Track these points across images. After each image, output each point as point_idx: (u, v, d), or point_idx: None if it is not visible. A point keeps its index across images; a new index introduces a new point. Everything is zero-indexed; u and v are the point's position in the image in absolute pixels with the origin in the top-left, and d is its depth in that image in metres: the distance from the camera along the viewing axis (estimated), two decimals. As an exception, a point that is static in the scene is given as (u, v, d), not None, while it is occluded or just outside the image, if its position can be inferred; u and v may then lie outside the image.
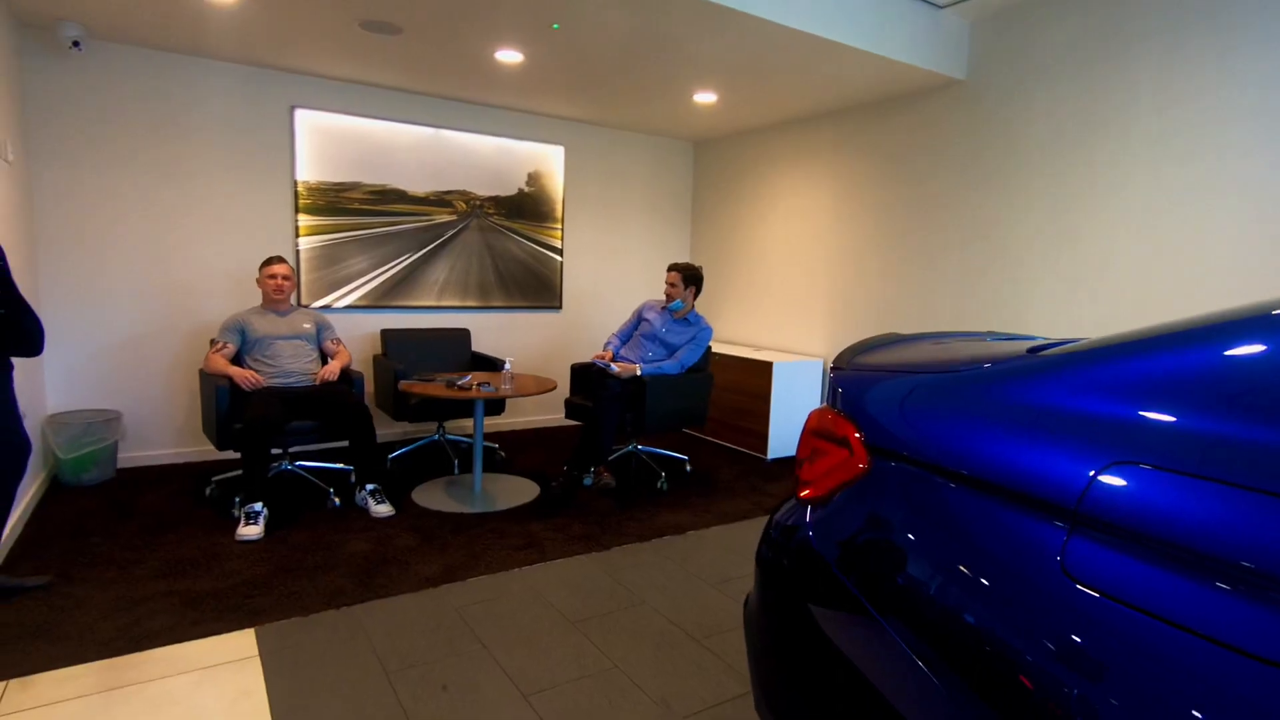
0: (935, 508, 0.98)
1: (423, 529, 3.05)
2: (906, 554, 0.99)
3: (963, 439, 0.97)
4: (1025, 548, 0.84)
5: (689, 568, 2.78)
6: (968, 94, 3.64)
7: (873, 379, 1.24)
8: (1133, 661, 0.70)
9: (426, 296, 4.59)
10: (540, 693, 1.92)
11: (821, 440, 1.26)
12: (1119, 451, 0.79)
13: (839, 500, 1.15)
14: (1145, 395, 0.82)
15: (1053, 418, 0.89)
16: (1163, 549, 0.71)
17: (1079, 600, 0.77)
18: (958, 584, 0.90)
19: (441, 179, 4.55)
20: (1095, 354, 0.91)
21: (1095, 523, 0.78)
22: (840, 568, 1.09)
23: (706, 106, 4.42)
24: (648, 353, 3.86)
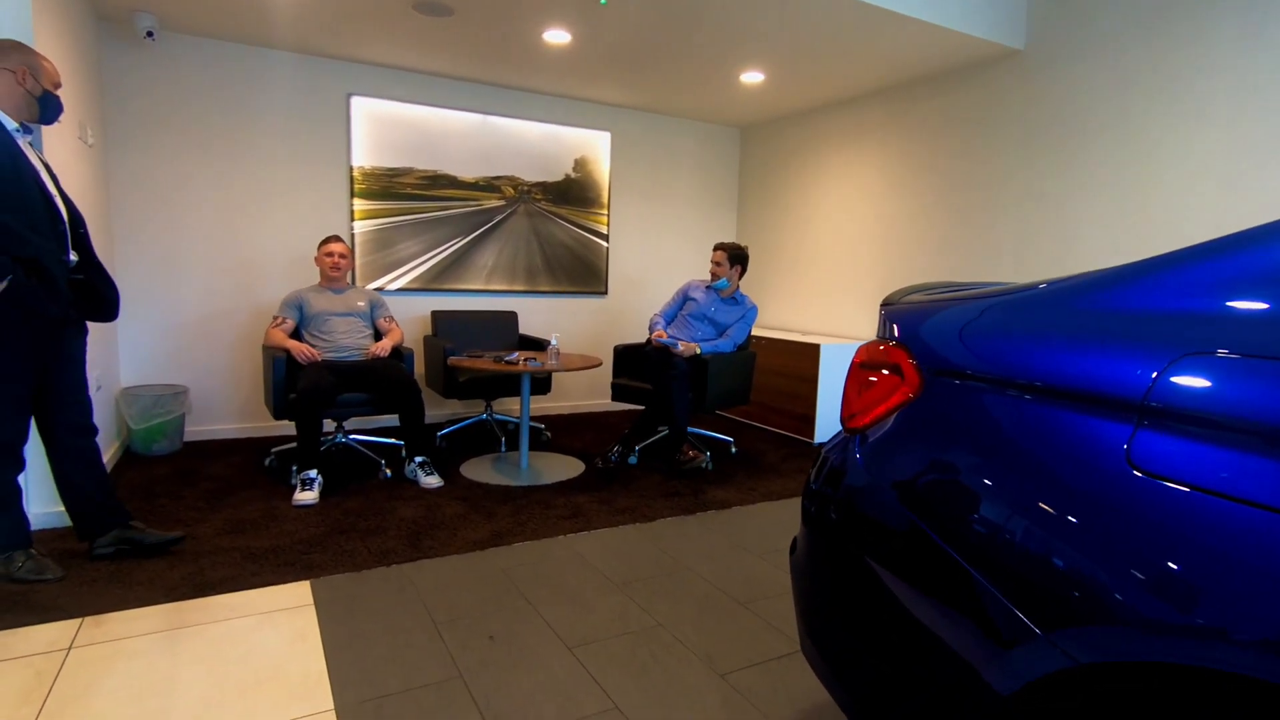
0: (994, 421, 0.94)
1: (470, 499, 3.10)
2: (962, 470, 0.96)
3: (1026, 352, 0.94)
4: (1091, 445, 0.81)
5: (734, 539, 2.75)
6: (1026, 65, 3.52)
7: (927, 310, 1.20)
8: (1204, 545, 0.67)
9: (475, 280, 4.67)
10: (584, 645, 1.93)
11: (871, 371, 1.23)
12: (1188, 345, 0.76)
13: (891, 425, 1.12)
14: (1211, 292, 0.79)
15: (1119, 320, 0.86)
16: (1228, 430, 0.68)
17: (1147, 490, 0.73)
18: (1017, 492, 0.87)
19: (490, 165, 4.63)
20: (1157, 261, 0.87)
21: (1164, 413, 0.75)
22: (892, 489, 1.06)
23: (754, 87, 4.38)
24: (696, 332, 3.85)
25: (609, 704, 1.66)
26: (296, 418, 3.06)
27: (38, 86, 2.13)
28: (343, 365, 3.32)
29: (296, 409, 3.06)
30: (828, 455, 1.27)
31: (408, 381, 3.26)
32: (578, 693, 1.71)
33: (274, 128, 4.01)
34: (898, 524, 1.04)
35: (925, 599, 0.96)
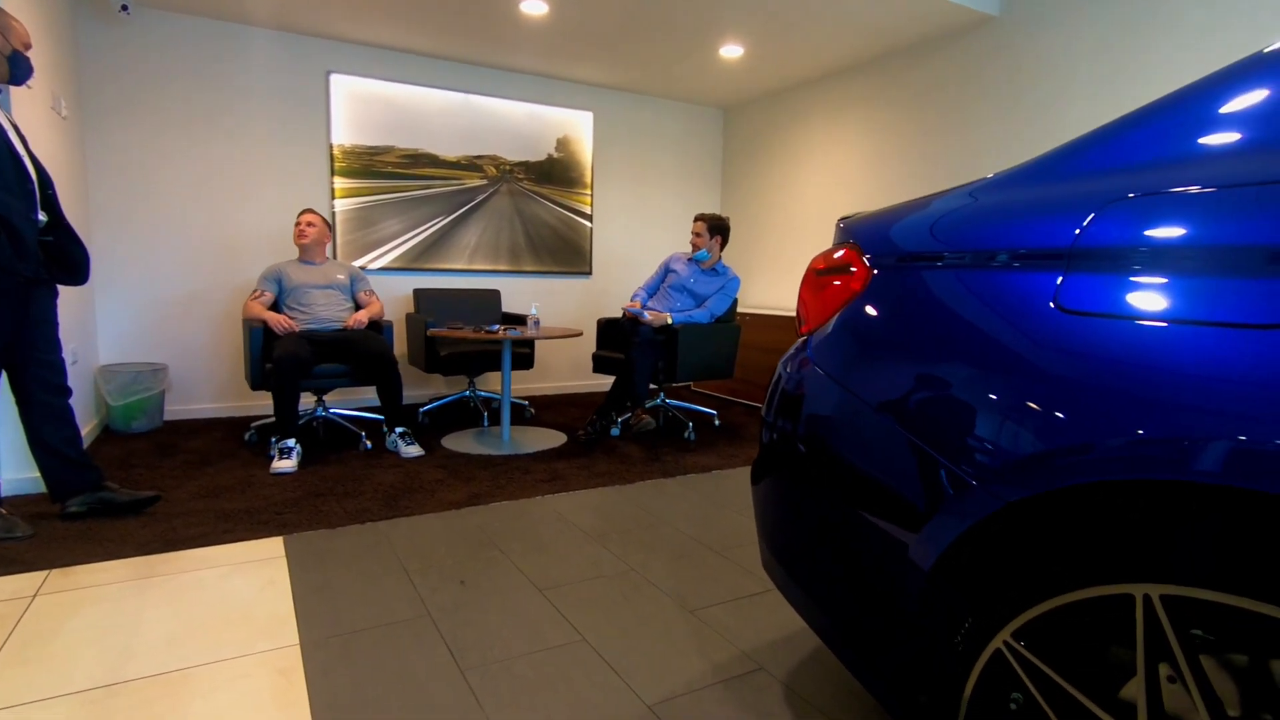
0: (938, 294, 0.95)
1: (450, 467, 3.09)
2: (905, 343, 0.97)
3: (971, 230, 0.95)
4: (1025, 296, 0.82)
5: (714, 498, 2.75)
6: (1001, 31, 3.54)
7: (878, 215, 1.21)
8: (1128, 365, 0.68)
9: (458, 260, 4.67)
10: (555, 588, 1.92)
11: (826, 276, 1.24)
12: (1107, 197, 0.79)
13: (840, 318, 1.13)
14: (1122, 154, 0.84)
15: (1050, 190, 0.88)
16: (1138, 259, 0.70)
17: (1071, 325, 0.74)
18: (959, 353, 0.88)
19: (472, 144, 4.63)
20: (1078, 141, 0.90)
21: (1087, 254, 0.76)
22: (840, 376, 1.06)
23: (734, 63, 4.39)
24: (676, 303, 3.85)
25: (576, 637, 1.66)
26: (273, 387, 3.05)
27: (6, 45, 2.12)
28: (320, 336, 3.31)
29: (272, 378, 3.05)
30: (782, 365, 1.27)
31: (384, 352, 3.24)
32: (546, 627, 1.70)
33: (253, 105, 3.99)
34: (845, 409, 1.04)
35: (867, 479, 0.96)
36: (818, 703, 1.42)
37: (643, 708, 1.39)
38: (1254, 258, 0.63)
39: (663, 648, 1.62)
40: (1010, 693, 0.81)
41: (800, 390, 1.16)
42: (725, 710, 1.39)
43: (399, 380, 3.28)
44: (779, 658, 1.58)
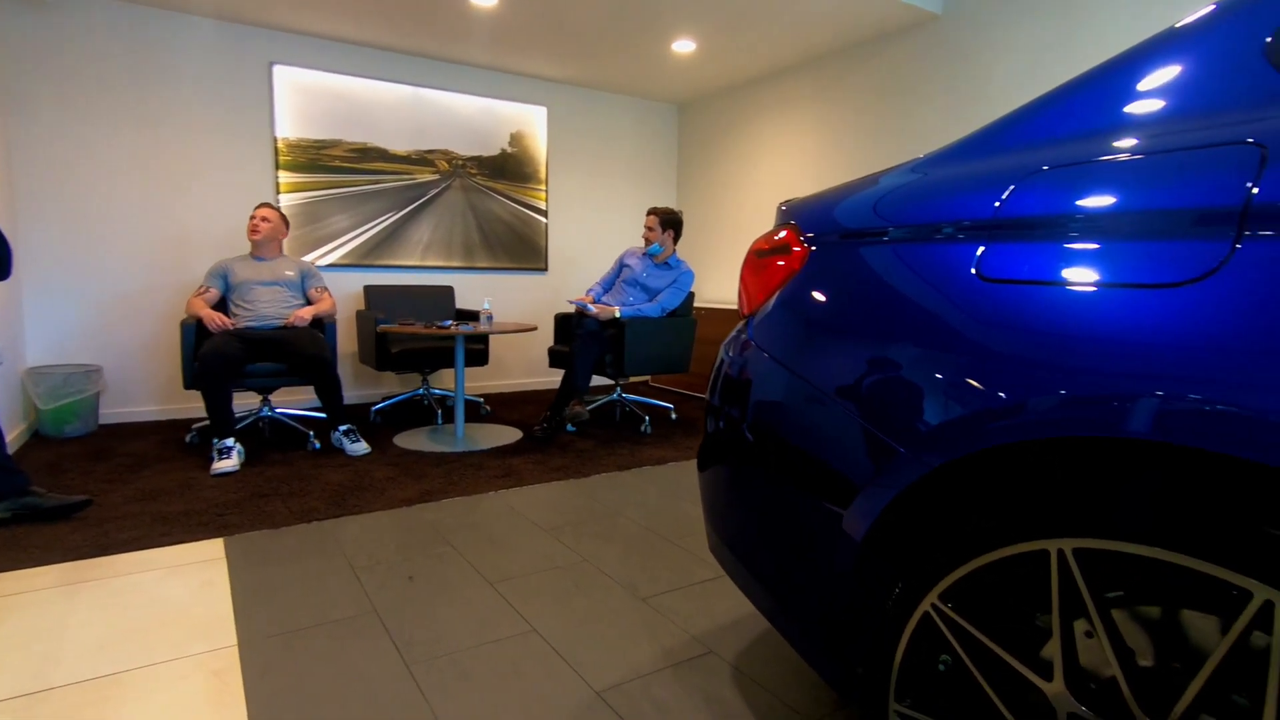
0: (870, 268, 0.96)
1: (401, 465, 3.03)
2: (839, 316, 0.98)
3: (902, 206, 0.97)
4: (949, 267, 0.84)
5: (669, 489, 2.76)
6: (944, 29, 3.63)
7: (817, 197, 1.23)
8: (1041, 328, 0.70)
9: (410, 256, 4.58)
10: (506, 580, 1.90)
11: (766, 258, 1.25)
12: (1024, 171, 0.81)
13: (779, 296, 1.14)
14: (1039, 131, 0.86)
15: (974, 167, 0.90)
16: (1051, 227, 0.72)
17: (994, 294, 0.76)
18: (889, 323, 0.89)
19: (423, 138, 4.55)
20: (1000, 122, 0.93)
21: (1006, 225, 0.79)
22: (778, 353, 1.07)
23: (687, 58, 4.41)
24: (629, 297, 3.85)
25: (526, 628, 1.64)
26: (200, 386, 2.94)
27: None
28: (254, 334, 3.20)
29: (198, 376, 2.94)
30: (724, 349, 1.28)
31: (318, 353, 3.11)
32: (495, 620, 1.68)
33: (192, 96, 3.86)
34: (783, 386, 1.05)
35: (802, 453, 0.97)
36: (766, 683, 1.43)
37: (591, 694, 1.38)
38: (1157, 222, 0.65)
39: (614, 635, 1.61)
40: (939, 655, 0.83)
41: (740, 371, 1.17)
42: (673, 694, 1.39)
43: (336, 381, 3.18)
44: (728, 641, 1.59)
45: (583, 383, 3.52)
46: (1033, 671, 0.71)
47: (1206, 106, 0.71)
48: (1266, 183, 0.59)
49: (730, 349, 1.24)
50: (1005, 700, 0.73)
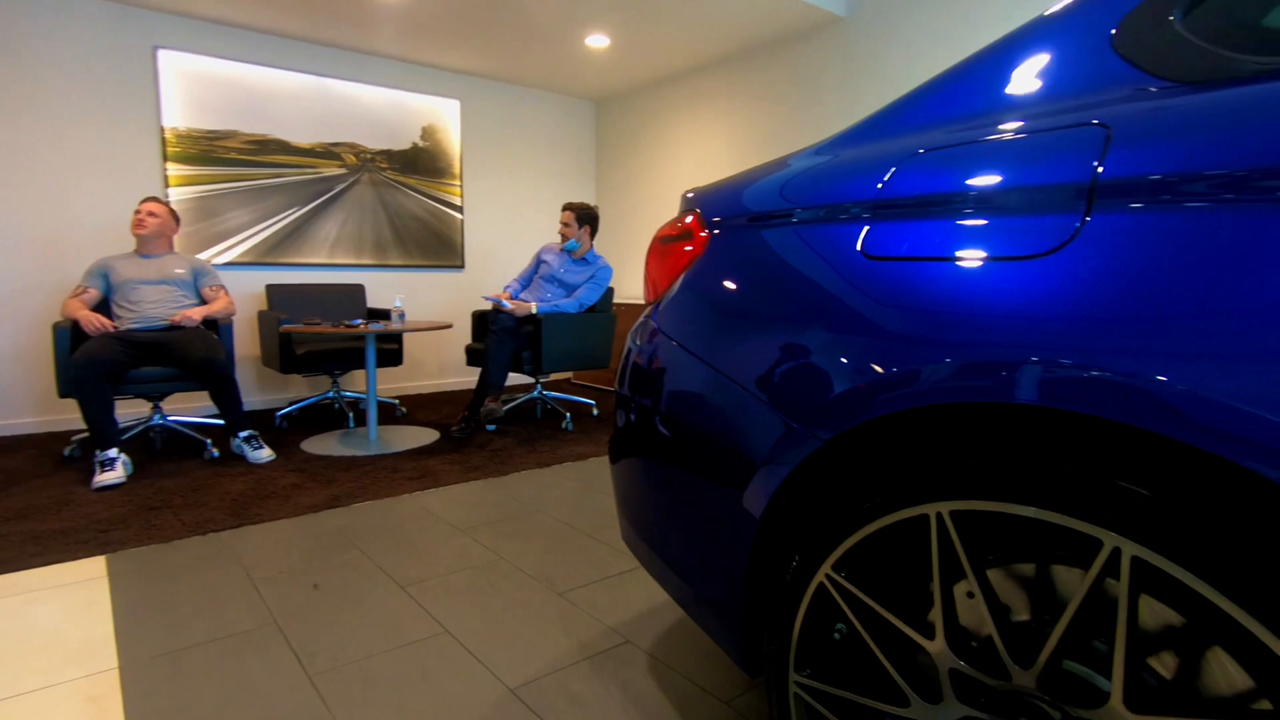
0: (765, 250, 0.98)
1: (309, 470, 2.89)
2: (736, 297, 0.99)
3: (795, 190, 0.99)
4: (836, 246, 0.86)
5: (588, 484, 2.74)
6: (849, 31, 3.77)
7: (719, 185, 1.24)
8: (918, 302, 0.72)
9: (317, 253, 4.38)
10: (418, 583, 1.84)
11: (669, 244, 1.25)
12: (903, 154, 0.84)
13: (681, 281, 1.14)
14: (916, 118, 0.89)
15: (860, 151, 0.93)
16: (927, 206, 0.75)
17: (876, 271, 0.79)
18: (781, 302, 0.91)
19: (328, 130, 4.36)
20: (884, 110, 0.96)
21: (886, 205, 0.81)
22: (681, 337, 1.08)
23: (602, 53, 4.40)
24: (547, 294, 3.81)
25: (438, 629, 1.60)
26: (75, 394, 2.72)
27: None
28: (139, 337, 2.98)
29: (72, 383, 2.72)
30: (631, 337, 1.28)
31: (208, 356, 2.92)
32: (405, 623, 1.62)
33: (67, 83, 3.55)
34: (687, 370, 1.05)
35: (705, 434, 0.98)
36: (681, 668, 1.44)
37: (504, 691, 1.35)
38: (1018, 198, 0.69)
39: (529, 631, 1.59)
40: (835, 624, 0.85)
41: (646, 358, 1.17)
42: (589, 685, 1.38)
43: (232, 384, 3.00)
44: (645, 630, 1.59)
45: (498, 379, 3.46)
46: (921, 635, 0.74)
47: (1062, 91, 0.75)
48: (1111, 161, 0.63)
49: (636, 337, 1.24)
50: (895, 662, 0.76)
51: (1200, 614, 0.58)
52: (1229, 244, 0.53)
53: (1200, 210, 0.56)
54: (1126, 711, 0.57)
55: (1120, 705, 0.58)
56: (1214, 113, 0.59)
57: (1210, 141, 0.57)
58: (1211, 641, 0.59)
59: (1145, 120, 0.63)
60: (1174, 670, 0.62)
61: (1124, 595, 0.57)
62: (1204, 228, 0.55)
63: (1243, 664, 0.57)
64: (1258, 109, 0.56)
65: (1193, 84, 0.65)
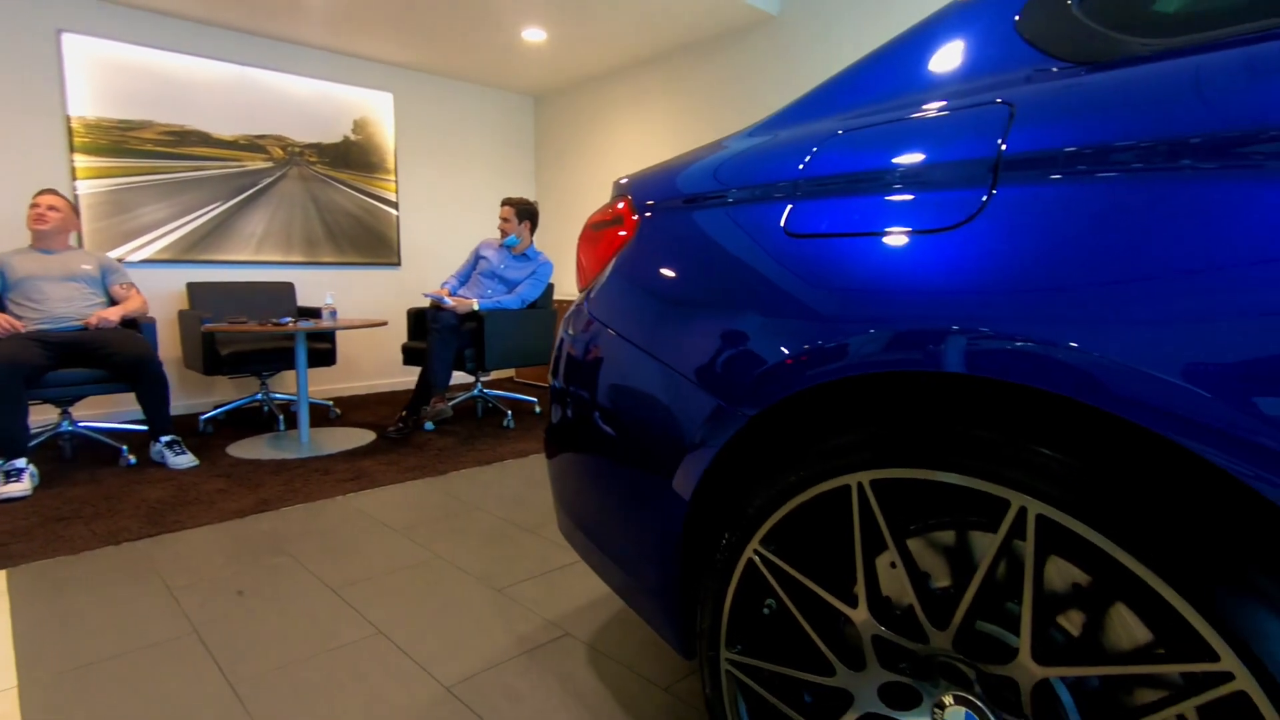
0: (694, 232, 0.98)
1: (235, 475, 2.77)
2: (665, 279, 0.99)
3: (723, 172, 0.99)
4: (761, 225, 0.87)
5: (529, 480, 2.71)
6: (781, 30, 3.83)
7: (649, 171, 1.24)
8: (837, 276, 0.73)
9: (243, 250, 4.20)
10: (350, 585, 1.78)
11: (600, 230, 1.24)
12: (825, 135, 0.85)
13: (612, 266, 1.14)
14: (834, 101, 0.91)
15: (784, 133, 0.94)
16: (845, 184, 0.76)
17: (799, 248, 0.80)
18: (709, 280, 0.91)
19: (253, 122, 4.18)
20: (806, 97, 0.98)
21: (807, 184, 0.82)
22: (612, 322, 1.07)
23: (539, 48, 4.36)
24: (487, 290, 3.75)
25: (371, 631, 1.55)
26: (-11, 400, 2.54)
27: None
28: (54, 337, 2.80)
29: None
30: (564, 326, 1.26)
31: (144, 353, 2.81)
32: (336, 626, 1.57)
33: (-46, 64, 3.30)
34: (618, 354, 1.05)
35: (636, 418, 0.98)
36: (620, 657, 1.43)
37: (440, 690, 1.32)
38: (930, 174, 0.70)
39: (467, 629, 1.55)
40: (764, 600, 0.86)
41: (578, 345, 1.16)
42: (527, 679, 1.36)
43: (164, 384, 2.86)
44: (584, 622, 1.58)
45: (443, 379, 3.39)
46: (846, 604, 0.75)
47: (970, 73, 0.78)
48: (1014, 137, 0.65)
49: (569, 326, 1.23)
50: (821, 633, 0.77)
51: (1104, 571, 0.61)
52: (1123, 214, 0.55)
53: (1096, 182, 0.58)
54: (1034, 664, 0.60)
55: (1028, 659, 0.60)
56: (1106, 91, 0.61)
57: (1103, 118, 0.60)
58: (1114, 598, 0.61)
59: (1045, 99, 0.66)
60: (1080, 626, 0.65)
61: (1030, 552, 0.59)
62: (1100, 198, 0.57)
63: (1142, 617, 0.60)
64: (1143, 88, 0.59)
65: (1089, 65, 0.68)
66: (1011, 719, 0.65)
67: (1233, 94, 0.53)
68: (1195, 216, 0.51)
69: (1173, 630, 0.56)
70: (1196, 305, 0.49)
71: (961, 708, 0.68)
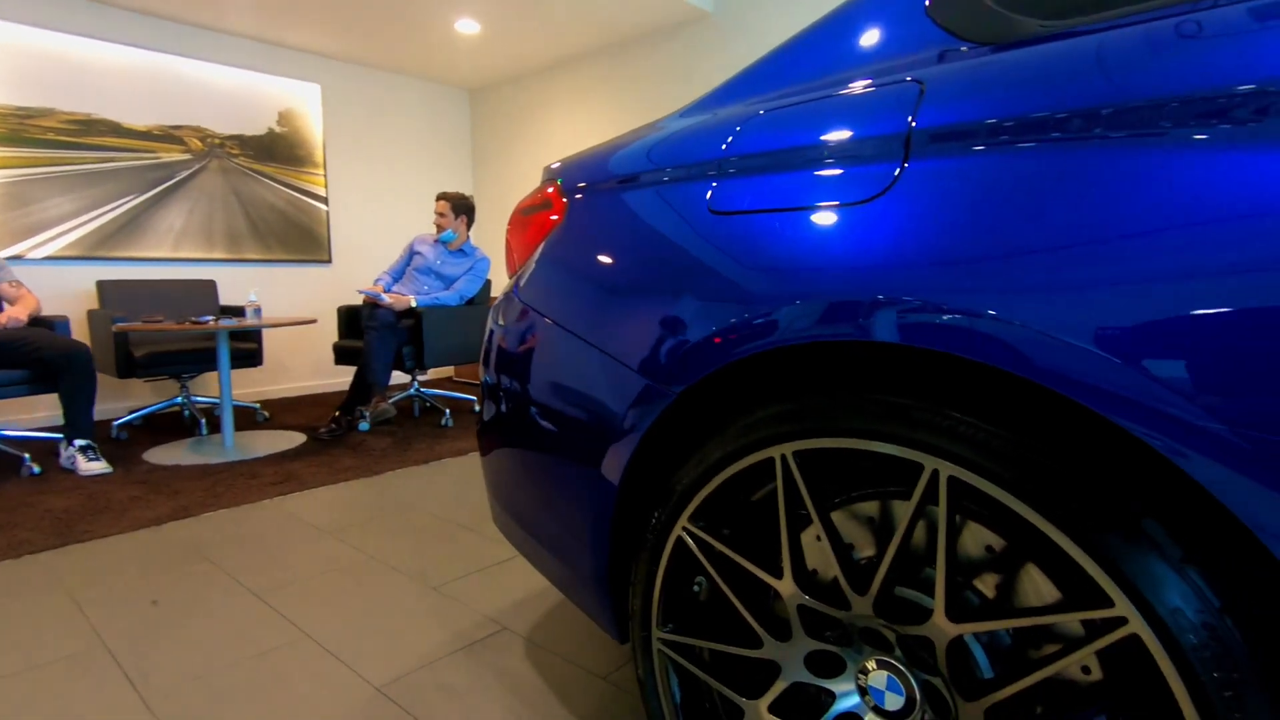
0: (620, 213, 0.98)
1: (151, 482, 2.62)
2: (592, 260, 0.98)
3: (650, 153, 0.99)
4: (686, 204, 0.87)
5: (467, 478, 2.66)
6: (716, 26, 3.88)
7: (578, 156, 1.23)
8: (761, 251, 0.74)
9: (160, 247, 3.98)
10: (277, 590, 1.71)
11: (529, 215, 1.23)
12: (747, 116, 0.86)
13: (541, 250, 1.12)
14: (756, 85, 0.93)
15: (708, 114, 0.95)
16: (767, 161, 0.78)
17: (723, 225, 0.80)
18: (636, 259, 0.91)
19: (169, 112, 3.97)
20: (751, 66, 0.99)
21: (730, 163, 0.83)
22: (541, 305, 1.06)
23: (473, 40, 4.28)
24: (423, 286, 3.67)
25: (297, 634, 1.49)
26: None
27: None
28: (-46, 338, 2.61)
29: None
30: (493, 315, 1.24)
31: (73, 345, 2.63)
32: (260, 632, 1.50)
33: None
34: (546, 338, 1.03)
35: (567, 400, 0.97)
36: (559, 649, 1.42)
37: (371, 691, 1.28)
38: (846, 149, 0.72)
39: (400, 628, 1.51)
40: (695, 578, 0.86)
41: (507, 332, 1.14)
42: (463, 675, 1.33)
43: (94, 381, 2.70)
44: (523, 616, 1.56)
45: (383, 378, 3.30)
46: (774, 577, 0.75)
47: (885, 54, 0.80)
48: (923, 113, 0.67)
49: (497, 314, 1.21)
50: (750, 608, 0.78)
51: (1015, 535, 0.64)
52: (1024, 184, 0.58)
53: (1000, 154, 0.60)
54: (947, 622, 0.61)
55: (942, 618, 0.62)
56: (1007, 69, 0.64)
57: (1005, 93, 0.62)
58: (1024, 559, 0.64)
59: (952, 77, 0.68)
60: (994, 588, 0.67)
61: (943, 513, 0.61)
62: (1004, 170, 0.59)
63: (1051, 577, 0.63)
64: (1040, 65, 0.61)
65: (993, 44, 0.70)
66: (930, 678, 0.66)
67: (1120, 70, 0.56)
68: (1087, 186, 0.54)
69: (1077, 588, 0.59)
70: (1087, 273, 0.51)
71: (884, 671, 0.69)
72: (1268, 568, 0.52)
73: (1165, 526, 0.52)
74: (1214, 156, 0.49)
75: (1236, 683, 0.48)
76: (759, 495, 0.85)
